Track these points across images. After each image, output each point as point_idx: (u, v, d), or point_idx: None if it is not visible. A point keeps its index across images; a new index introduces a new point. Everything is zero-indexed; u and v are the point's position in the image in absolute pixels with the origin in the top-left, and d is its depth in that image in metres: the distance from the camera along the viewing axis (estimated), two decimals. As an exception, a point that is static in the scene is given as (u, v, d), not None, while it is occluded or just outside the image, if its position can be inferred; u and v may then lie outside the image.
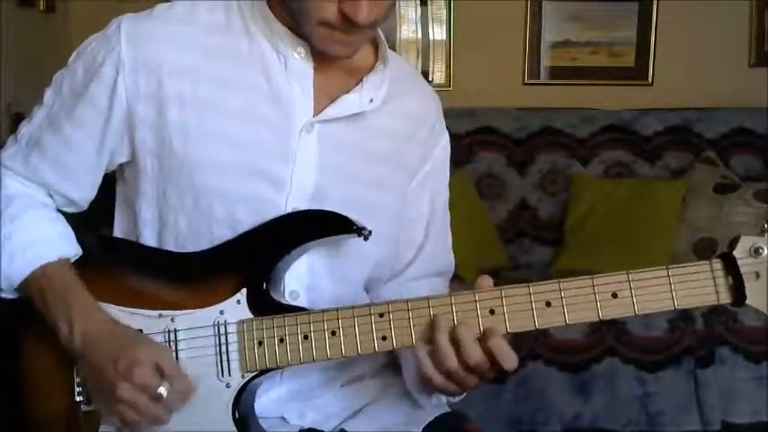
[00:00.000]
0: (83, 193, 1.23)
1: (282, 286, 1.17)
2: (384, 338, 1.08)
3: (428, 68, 3.69)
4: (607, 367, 2.63)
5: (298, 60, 1.17)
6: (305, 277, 1.19)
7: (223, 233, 1.16)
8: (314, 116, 1.18)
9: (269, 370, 1.12)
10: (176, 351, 1.13)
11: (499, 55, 3.66)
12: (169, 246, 1.19)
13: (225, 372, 1.12)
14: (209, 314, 1.13)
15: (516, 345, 1.06)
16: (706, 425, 2.63)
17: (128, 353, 1.08)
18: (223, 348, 1.12)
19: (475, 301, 1.07)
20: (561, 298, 1.05)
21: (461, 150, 3.28)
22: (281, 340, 1.11)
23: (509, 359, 1.05)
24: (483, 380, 1.09)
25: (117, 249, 1.24)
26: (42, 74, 1.37)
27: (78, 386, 1.16)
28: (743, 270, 1.02)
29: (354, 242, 1.15)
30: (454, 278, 1.38)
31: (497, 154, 3.37)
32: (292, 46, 1.16)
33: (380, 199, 1.23)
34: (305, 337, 1.10)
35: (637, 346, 2.64)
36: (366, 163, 1.22)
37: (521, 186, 3.37)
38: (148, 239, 1.20)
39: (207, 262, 1.16)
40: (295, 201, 1.17)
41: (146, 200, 1.19)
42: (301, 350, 1.10)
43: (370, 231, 1.14)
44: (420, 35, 3.71)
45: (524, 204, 3.36)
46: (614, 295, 1.04)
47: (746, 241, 1.03)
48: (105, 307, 1.15)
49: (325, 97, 1.19)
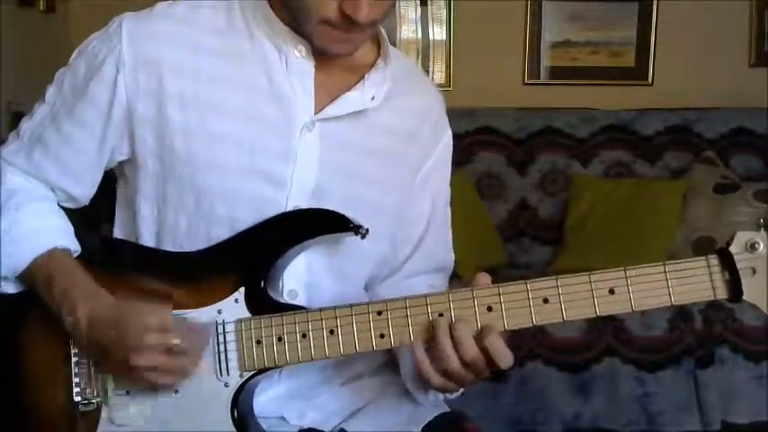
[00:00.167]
0: (84, 190, 1.23)
1: (281, 285, 1.17)
2: (382, 336, 1.08)
3: (428, 68, 3.68)
4: (607, 367, 2.63)
5: (299, 59, 1.17)
6: (303, 276, 1.19)
7: (222, 233, 1.16)
8: (315, 114, 1.17)
9: (267, 369, 1.12)
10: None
11: (499, 55, 3.65)
12: (167, 245, 1.19)
13: (223, 371, 1.12)
14: (206, 313, 1.13)
15: (515, 344, 1.07)
16: (706, 425, 2.63)
17: (131, 324, 1.08)
18: (221, 347, 1.12)
19: (473, 299, 1.07)
20: (558, 294, 1.05)
21: (461, 150, 3.26)
22: (280, 339, 1.11)
23: (505, 357, 1.05)
24: (479, 378, 1.08)
25: (115, 249, 1.24)
26: (42, 74, 1.37)
27: (77, 386, 1.16)
28: (739, 266, 1.03)
29: (353, 240, 1.15)
30: (453, 277, 1.38)
31: (497, 154, 3.38)
32: (293, 44, 1.16)
33: (382, 197, 1.23)
34: (303, 336, 1.10)
35: (636, 346, 2.63)
36: (368, 161, 1.22)
37: (521, 186, 3.36)
38: (146, 239, 1.20)
39: (205, 261, 1.16)
40: (295, 199, 1.17)
41: (145, 198, 1.19)
42: (300, 349, 1.10)
43: (367, 230, 1.13)
44: (420, 35, 3.71)
45: (524, 204, 3.36)
46: (611, 291, 1.04)
47: (743, 237, 1.03)
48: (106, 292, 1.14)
49: (326, 95, 1.18)
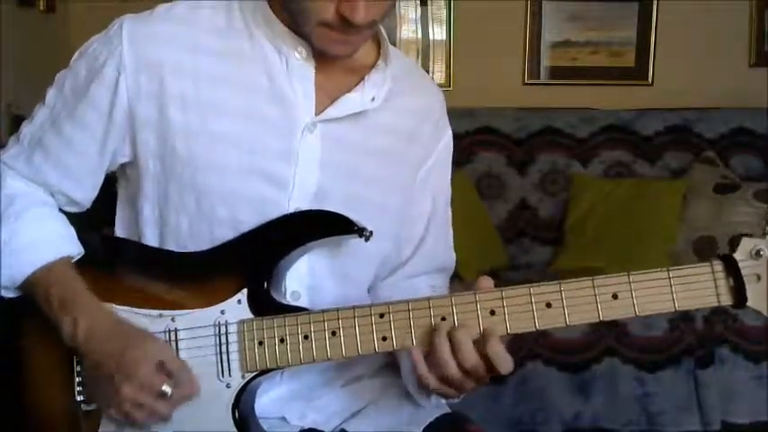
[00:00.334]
0: (85, 194, 1.23)
1: (284, 287, 1.17)
2: (384, 339, 1.08)
3: (428, 68, 3.68)
4: (607, 367, 2.63)
5: (299, 60, 1.16)
6: (306, 278, 1.19)
7: (225, 233, 1.16)
8: (316, 115, 1.17)
9: (269, 370, 1.12)
10: (177, 351, 1.13)
11: (499, 55, 3.65)
12: (170, 245, 1.19)
13: (225, 372, 1.12)
14: (209, 314, 1.13)
15: (516, 345, 1.06)
16: (706, 425, 2.63)
17: (131, 351, 1.08)
18: (223, 348, 1.12)
19: (475, 302, 1.06)
20: (562, 299, 1.05)
21: (461, 150, 3.25)
22: (282, 340, 1.10)
23: (505, 363, 1.04)
24: (478, 384, 1.08)
25: (118, 249, 1.24)
26: (42, 74, 1.37)
27: (79, 385, 1.16)
28: (744, 272, 1.02)
29: (356, 242, 1.15)
30: (454, 277, 1.38)
31: (497, 154, 3.38)
32: (293, 46, 1.16)
33: (384, 197, 1.23)
34: (305, 338, 1.10)
35: (637, 346, 2.64)
36: (369, 161, 1.22)
37: (521, 186, 3.37)
38: (150, 239, 1.20)
39: (208, 262, 1.16)
40: (297, 201, 1.17)
41: (147, 200, 1.19)
42: (302, 350, 1.10)
43: (371, 232, 1.13)
44: (420, 35, 3.71)
45: (524, 204, 3.36)
46: (615, 296, 1.04)
47: (747, 243, 1.03)
48: (107, 307, 1.14)
49: (326, 96, 1.18)
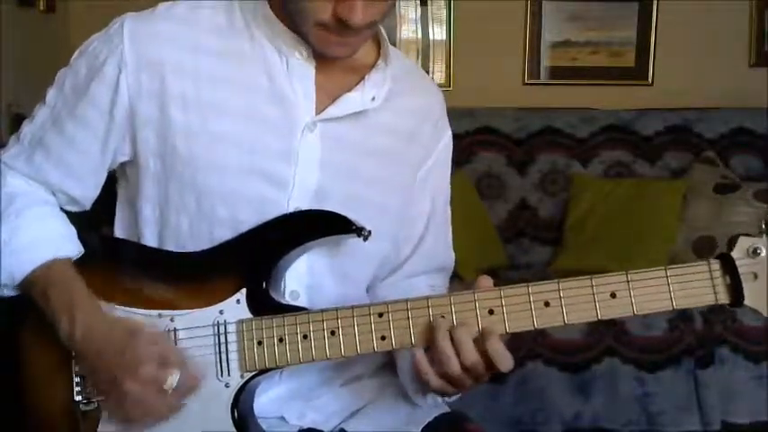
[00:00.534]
0: (86, 193, 1.23)
1: (283, 286, 1.17)
2: (383, 338, 1.08)
3: (428, 68, 3.68)
4: (607, 367, 2.63)
5: (299, 61, 1.17)
6: (305, 277, 1.19)
7: (224, 233, 1.16)
8: (316, 115, 1.17)
9: (268, 370, 1.12)
10: (176, 351, 1.13)
11: (499, 55, 3.65)
12: (170, 245, 1.19)
13: (224, 371, 1.12)
14: (208, 314, 1.13)
15: (515, 345, 1.07)
16: (706, 425, 2.63)
17: (132, 347, 1.08)
18: (222, 348, 1.12)
19: (474, 301, 1.07)
20: (560, 298, 1.05)
21: (461, 150, 3.27)
22: (281, 340, 1.11)
23: (505, 361, 1.05)
24: (478, 382, 1.08)
25: (117, 249, 1.24)
26: (42, 74, 1.37)
27: (77, 385, 1.15)
28: (741, 271, 1.03)
29: (355, 241, 1.15)
30: (454, 277, 1.38)
31: (497, 154, 3.38)
32: (294, 46, 1.16)
33: (384, 197, 1.23)
34: (304, 337, 1.10)
35: (636, 346, 2.64)
36: (369, 161, 1.22)
37: (521, 186, 3.37)
38: (149, 239, 1.20)
39: (207, 262, 1.16)
40: (297, 201, 1.17)
41: (147, 199, 1.19)
42: (300, 350, 1.10)
43: (369, 232, 1.13)
44: (420, 35, 3.71)
45: (524, 204, 3.36)
46: (613, 295, 1.04)
47: (744, 242, 1.03)
48: (105, 306, 1.14)
49: (327, 96, 1.18)
